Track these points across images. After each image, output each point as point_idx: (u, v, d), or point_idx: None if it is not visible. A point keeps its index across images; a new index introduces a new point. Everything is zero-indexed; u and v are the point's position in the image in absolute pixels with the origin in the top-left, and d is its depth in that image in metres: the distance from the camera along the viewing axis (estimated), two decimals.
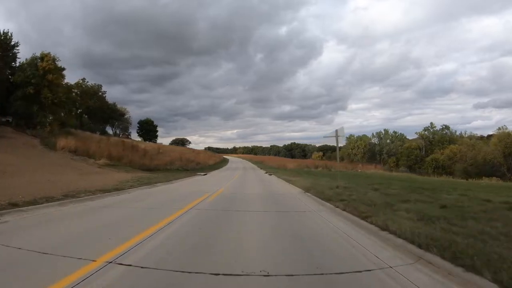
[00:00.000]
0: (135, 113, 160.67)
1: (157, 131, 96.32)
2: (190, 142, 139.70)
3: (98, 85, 65.24)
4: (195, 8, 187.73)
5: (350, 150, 77.83)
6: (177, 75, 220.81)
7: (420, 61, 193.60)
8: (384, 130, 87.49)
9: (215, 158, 51.44)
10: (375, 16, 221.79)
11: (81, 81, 58.21)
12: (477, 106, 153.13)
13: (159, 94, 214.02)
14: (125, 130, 78.75)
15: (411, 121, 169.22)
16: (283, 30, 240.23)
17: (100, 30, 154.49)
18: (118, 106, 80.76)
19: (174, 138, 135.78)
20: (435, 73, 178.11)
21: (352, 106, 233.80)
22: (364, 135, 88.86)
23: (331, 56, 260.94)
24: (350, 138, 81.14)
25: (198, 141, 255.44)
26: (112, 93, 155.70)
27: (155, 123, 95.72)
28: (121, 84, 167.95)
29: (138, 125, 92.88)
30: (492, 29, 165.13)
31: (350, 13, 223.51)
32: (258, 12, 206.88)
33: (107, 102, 66.38)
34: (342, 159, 71.16)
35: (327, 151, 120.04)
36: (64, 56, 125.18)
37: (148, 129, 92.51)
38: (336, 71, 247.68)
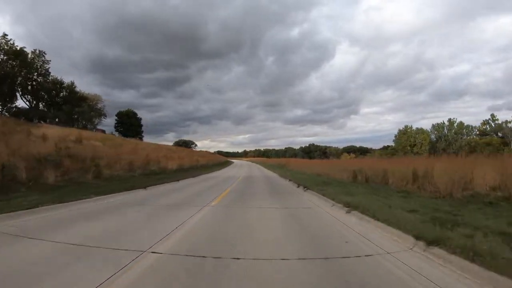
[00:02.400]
0: (146, 118, 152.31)
1: (141, 125, 75.17)
2: (196, 145, 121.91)
3: (39, 52, 44.68)
4: (205, 10, 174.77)
5: (409, 147, 53.25)
6: (188, 79, 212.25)
7: (434, 63, 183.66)
8: (449, 120, 62.25)
9: (197, 159, 29.22)
10: (388, 16, 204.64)
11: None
12: (491, 109, 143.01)
13: (171, 98, 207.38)
14: (90, 120, 58.14)
15: (425, 125, 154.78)
16: (294, 32, 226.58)
17: (110, 34, 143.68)
18: (85, 91, 60.21)
19: (177, 140, 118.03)
20: (448, 75, 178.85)
21: (365, 110, 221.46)
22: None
23: (343, 58, 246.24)
24: (406, 131, 56.70)
25: (209, 146, 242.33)
26: (124, 98, 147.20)
27: (138, 115, 74.97)
28: (133, 89, 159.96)
29: (116, 117, 71.96)
30: (508, 28, 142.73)
31: (363, 14, 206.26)
32: (269, 14, 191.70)
33: (52, 78, 45.96)
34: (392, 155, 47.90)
35: (354, 153, 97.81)
36: (75, 60, 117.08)
37: (129, 123, 71.32)
38: (348, 74, 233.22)
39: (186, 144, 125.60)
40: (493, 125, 65.70)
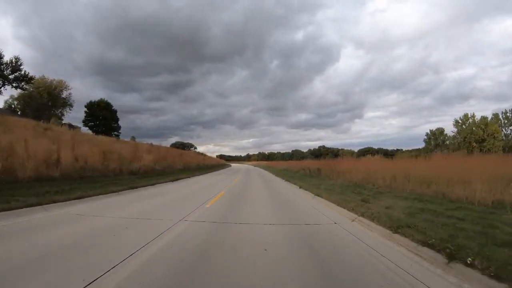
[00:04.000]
0: (150, 122, 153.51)
1: (117, 119, 61.44)
2: (195, 148, 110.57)
3: None
4: (208, 13, 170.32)
5: (475, 144, 37.85)
6: (192, 83, 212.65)
7: (439, 66, 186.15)
8: None
9: (139, 156, 14.83)
10: (394, 19, 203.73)
11: None
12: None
13: (174, 102, 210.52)
14: (43, 109, 43.92)
15: (429, 130, 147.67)
16: (299, 35, 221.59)
17: (113, 37, 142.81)
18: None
19: (174, 142, 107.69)
20: (454, 79, 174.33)
21: (369, 114, 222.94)
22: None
23: (348, 62, 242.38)
24: (466, 120, 41.41)
25: (213, 150, 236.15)
26: (127, 101, 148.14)
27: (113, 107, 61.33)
28: (136, 92, 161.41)
29: (86, 109, 58.33)
30: None
31: (368, 16, 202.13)
32: (273, 16, 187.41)
33: None
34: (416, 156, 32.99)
35: (374, 155, 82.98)
36: (78, 63, 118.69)
37: (103, 117, 57.69)
38: (353, 77, 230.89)
39: (183, 146, 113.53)
40: None
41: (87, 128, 54.32)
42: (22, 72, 41.16)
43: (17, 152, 8.16)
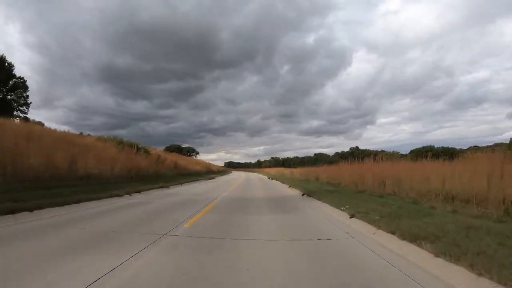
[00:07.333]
0: (161, 129, 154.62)
1: (25, 88, 34.24)
2: (197, 153, 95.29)
3: None
4: (217, 17, 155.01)
5: None
6: (202, 89, 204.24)
7: (452, 69, 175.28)
8: None
9: None
10: (406, 21, 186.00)
11: None
12: (511, 116, 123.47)
13: (185, 109, 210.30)
14: None
15: (441, 135, 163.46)
16: (310, 38, 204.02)
17: (121, 42, 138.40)
18: None
19: (169, 145, 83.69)
20: (467, 82, 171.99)
21: (381, 120, 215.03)
22: None
23: (360, 66, 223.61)
24: None
25: (225, 158, 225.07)
26: (138, 108, 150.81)
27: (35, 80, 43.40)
28: (146, 99, 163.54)
29: None
30: None
31: (381, 18, 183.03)
32: (284, 20, 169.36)
33: None
34: None
35: (431, 155, 52.95)
36: (86, 69, 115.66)
37: None
38: (365, 82, 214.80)
39: (179, 149, 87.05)
40: None
41: None
42: None
43: None
